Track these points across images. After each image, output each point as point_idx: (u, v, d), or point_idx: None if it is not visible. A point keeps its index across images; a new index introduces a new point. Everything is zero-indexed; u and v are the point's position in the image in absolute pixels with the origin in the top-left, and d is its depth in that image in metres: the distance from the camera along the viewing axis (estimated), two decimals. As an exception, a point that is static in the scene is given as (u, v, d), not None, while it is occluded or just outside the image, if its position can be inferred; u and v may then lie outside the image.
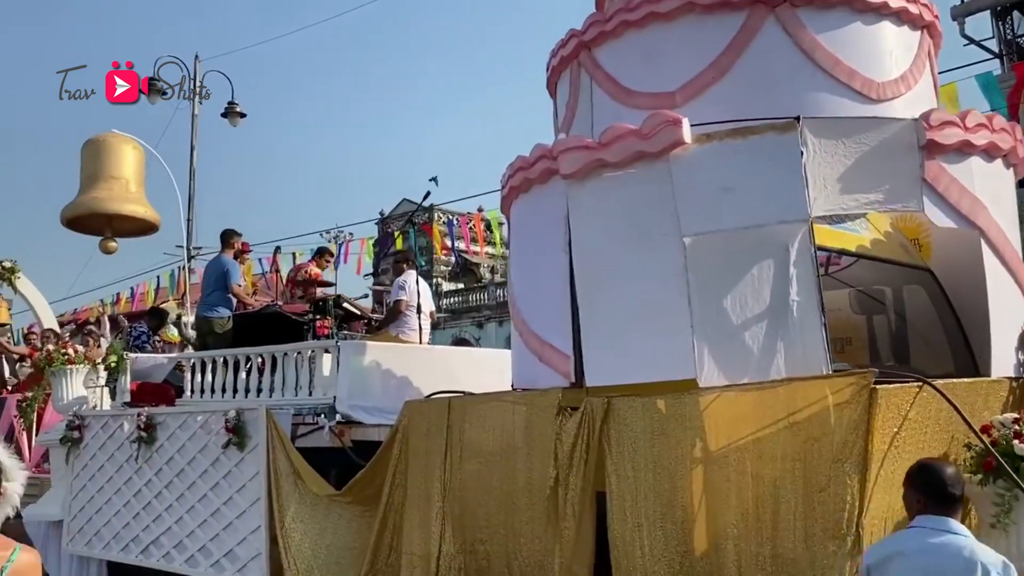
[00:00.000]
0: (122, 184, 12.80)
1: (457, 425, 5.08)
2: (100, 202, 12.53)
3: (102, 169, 12.72)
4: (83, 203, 12.63)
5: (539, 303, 4.83)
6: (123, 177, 12.83)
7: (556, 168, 4.61)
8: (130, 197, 12.77)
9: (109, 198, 12.60)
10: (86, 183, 12.81)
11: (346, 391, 6.41)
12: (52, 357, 8.27)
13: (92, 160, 12.83)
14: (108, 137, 12.99)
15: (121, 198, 12.70)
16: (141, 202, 12.93)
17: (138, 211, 12.76)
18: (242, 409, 6.32)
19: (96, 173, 12.76)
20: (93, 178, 12.78)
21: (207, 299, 8.10)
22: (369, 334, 7.90)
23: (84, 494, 7.83)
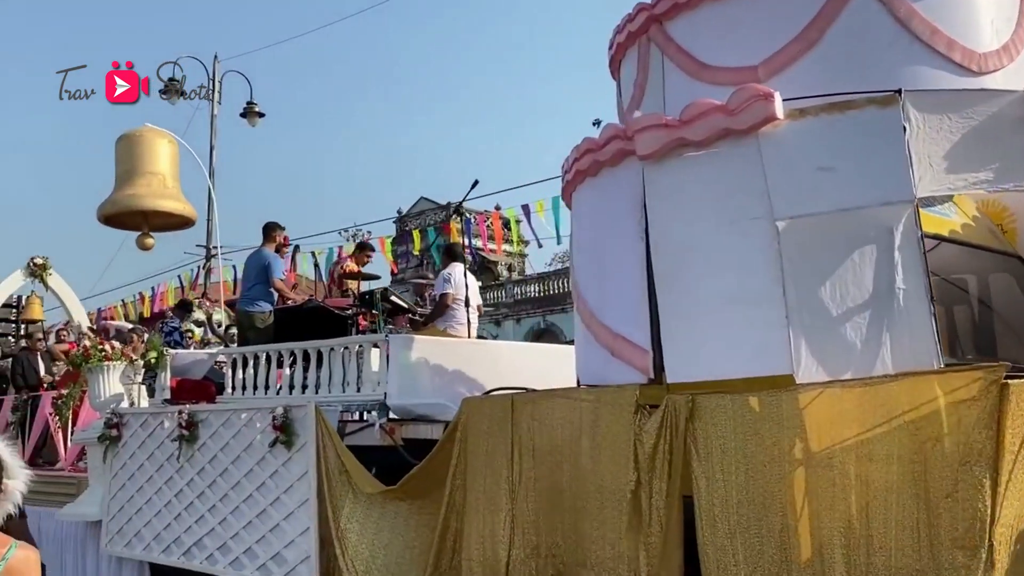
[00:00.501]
0: (159, 180, 12.65)
1: (523, 423, 4.80)
2: (138, 199, 12.40)
3: (139, 165, 12.58)
4: (121, 200, 12.50)
5: (611, 294, 4.53)
6: (160, 173, 12.69)
7: (631, 149, 4.30)
8: (167, 193, 12.64)
9: (147, 195, 12.47)
10: (122, 179, 12.67)
11: (396, 387, 6.14)
12: (89, 353, 8.08)
13: (128, 155, 12.69)
14: (143, 132, 12.83)
15: (159, 194, 12.57)
16: (178, 198, 12.80)
17: (176, 207, 12.63)
18: (290, 406, 6.08)
19: (133, 169, 12.63)
20: (130, 174, 12.64)
21: (248, 293, 7.87)
22: (413, 328, 7.64)
23: (123, 494, 7.64)
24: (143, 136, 12.88)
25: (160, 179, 12.66)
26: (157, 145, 12.85)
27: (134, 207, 12.53)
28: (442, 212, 36.80)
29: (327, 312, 7.61)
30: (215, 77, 19.14)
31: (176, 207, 12.79)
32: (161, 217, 12.78)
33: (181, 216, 12.90)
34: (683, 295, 4.11)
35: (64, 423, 9.64)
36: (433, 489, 5.30)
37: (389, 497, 5.52)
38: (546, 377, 6.65)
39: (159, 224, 12.96)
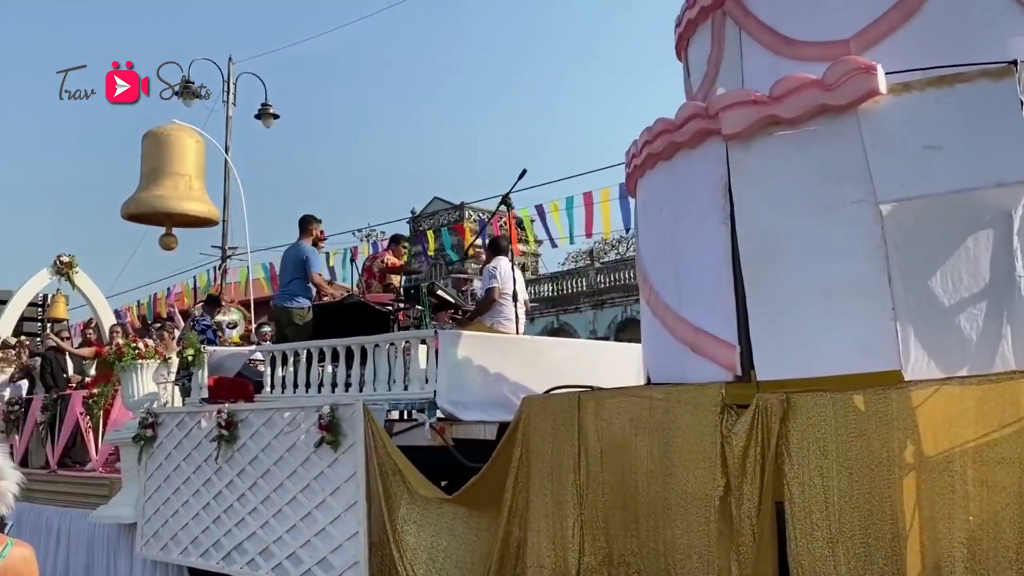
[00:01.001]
0: (185, 181, 12.55)
1: (590, 424, 4.52)
2: (163, 201, 12.30)
3: (165, 164, 12.46)
4: (146, 200, 12.38)
5: (690, 285, 4.23)
6: (186, 174, 12.58)
7: (714, 128, 4.01)
8: (192, 195, 12.53)
9: (173, 196, 12.36)
10: (148, 177, 12.54)
11: (446, 385, 5.87)
12: (122, 352, 7.88)
13: (154, 153, 12.55)
14: (171, 130, 12.69)
15: (184, 196, 12.46)
16: (202, 199, 12.69)
17: (200, 210, 12.50)
18: (336, 405, 5.82)
19: (159, 168, 12.50)
20: (156, 172, 12.52)
21: (286, 288, 7.62)
22: (457, 324, 7.37)
23: (159, 495, 7.41)
24: (171, 134, 12.74)
25: (186, 180, 12.55)
26: (184, 144, 12.72)
27: (159, 209, 12.43)
28: (455, 212, 36.67)
29: (368, 308, 7.34)
30: (230, 79, 19.19)
31: (200, 209, 12.69)
32: (185, 216, 12.65)
33: (205, 217, 12.80)
34: (774, 286, 3.82)
35: (95, 423, 9.44)
36: (493, 492, 5.03)
37: (447, 502, 5.25)
38: (607, 375, 6.41)
39: (182, 221, 12.82)
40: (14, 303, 13.58)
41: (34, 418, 10.56)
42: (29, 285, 13.86)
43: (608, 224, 14.61)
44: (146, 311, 22.56)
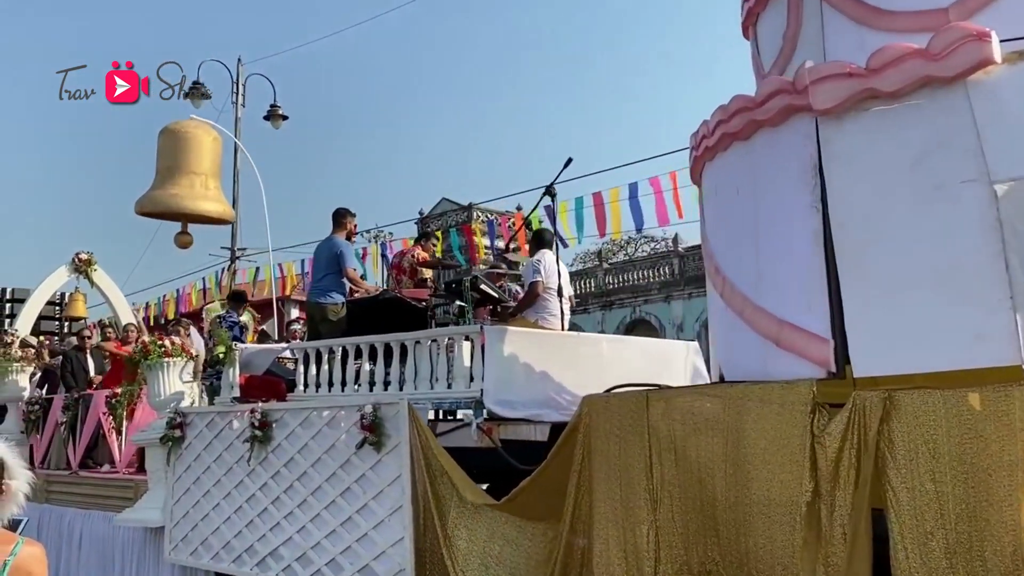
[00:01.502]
0: (201, 180, 12.30)
1: (661, 425, 4.22)
2: (179, 200, 12.05)
3: (181, 162, 12.22)
4: (160, 200, 12.14)
5: (773, 275, 3.93)
6: (202, 173, 12.32)
7: (801, 104, 3.71)
8: (208, 195, 12.29)
9: (189, 196, 12.12)
10: (163, 175, 12.30)
11: (493, 383, 5.58)
12: (148, 349, 7.62)
13: (171, 150, 12.31)
14: (188, 127, 12.45)
15: (200, 196, 12.21)
16: (218, 199, 12.48)
17: (216, 210, 12.25)
18: (379, 404, 5.54)
19: (175, 166, 12.26)
20: (171, 171, 12.27)
21: (319, 283, 7.35)
22: (498, 320, 7.08)
23: (188, 498, 7.16)
24: (188, 131, 12.49)
25: (202, 180, 12.31)
26: (201, 142, 12.47)
27: (174, 208, 12.19)
28: (463, 213, 36.57)
29: (404, 304, 7.07)
30: (239, 80, 19.09)
31: (216, 209, 12.46)
32: (200, 216, 12.43)
33: (220, 218, 12.59)
34: (873, 274, 3.51)
35: (119, 423, 9.20)
36: (549, 496, 4.74)
37: (498, 508, 4.97)
38: (660, 373, 6.13)
39: (197, 220, 12.59)
40: (32, 302, 13.36)
41: (55, 418, 10.33)
42: (47, 283, 13.62)
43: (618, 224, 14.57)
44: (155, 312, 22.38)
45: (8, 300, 15.65)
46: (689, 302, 30.34)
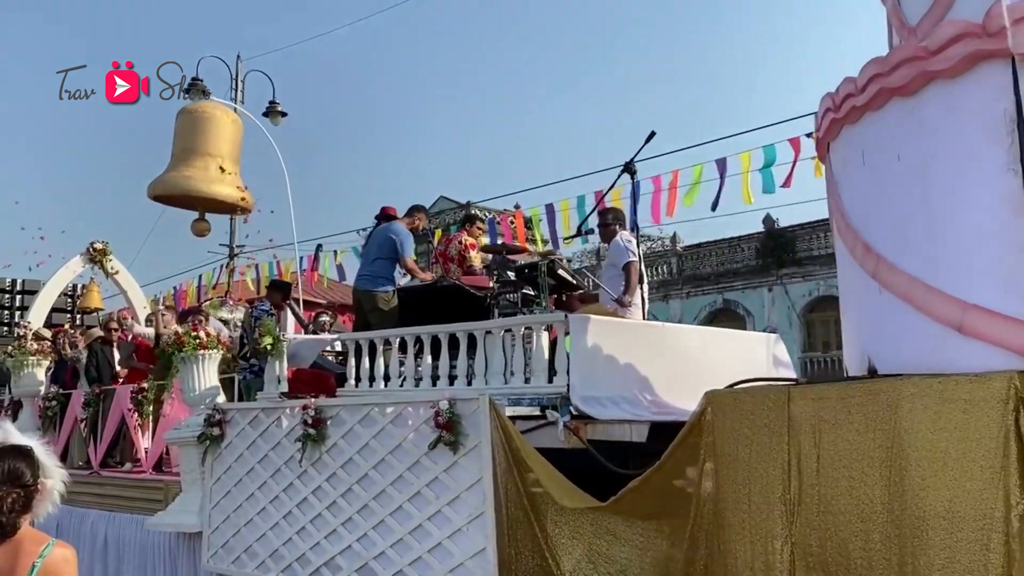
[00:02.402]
0: (217, 163, 11.68)
1: (804, 425, 3.67)
2: (192, 183, 11.44)
3: (198, 144, 11.62)
4: (174, 182, 11.53)
5: (953, 250, 3.39)
6: (219, 155, 11.73)
7: (991, 49, 3.18)
8: (225, 179, 11.66)
9: (204, 179, 11.50)
10: (179, 156, 11.72)
11: (579, 378, 5.05)
12: (182, 341, 7.07)
13: (187, 131, 11.72)
14: (207, 107, 11.88)
15: (216, 179, 11.60)
16: (236, 183, 11.80)
17: (233, 195, 11.62)
18: (455, 399, 4.99)
19: (191, 147, 11.67)
20: (187, 153, 11.68)
21: (369, 269, 6.82)
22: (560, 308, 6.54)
23: (229, 502, 6.61)
24: (205, 112, 11.91)
25: (218, 162, 11.70)
26: (220, 123, 11.89)
27: (187, 191, 11.57)
28: (462, 211, 36.33)
29: (463, 292, 6.53)
30: (238, 76, 18.74)
31: (232, 194, 11.80)
32: (216, 202, 11.82)
33: (236, 205, 11.93)
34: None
35: (146, 420, 8.65)
36: (663, 504, 4.20)
37: (603, 513, 4.42)
38: (741, 367, 5.60)
39: (213, 207, 11.99)
40: (46, 293, 12.81)
41: (74, 414, 9.79)
42: (60, 274, 13.08)
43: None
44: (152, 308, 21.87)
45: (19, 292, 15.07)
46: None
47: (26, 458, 2.54)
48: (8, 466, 2.53)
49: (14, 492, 2.48)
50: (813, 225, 27.84)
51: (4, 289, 15.16)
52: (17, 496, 2.48)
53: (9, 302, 15.20)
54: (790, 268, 28.04)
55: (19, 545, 2.43)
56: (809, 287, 27.75)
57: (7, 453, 2.57)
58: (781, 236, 28.43)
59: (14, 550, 2.41)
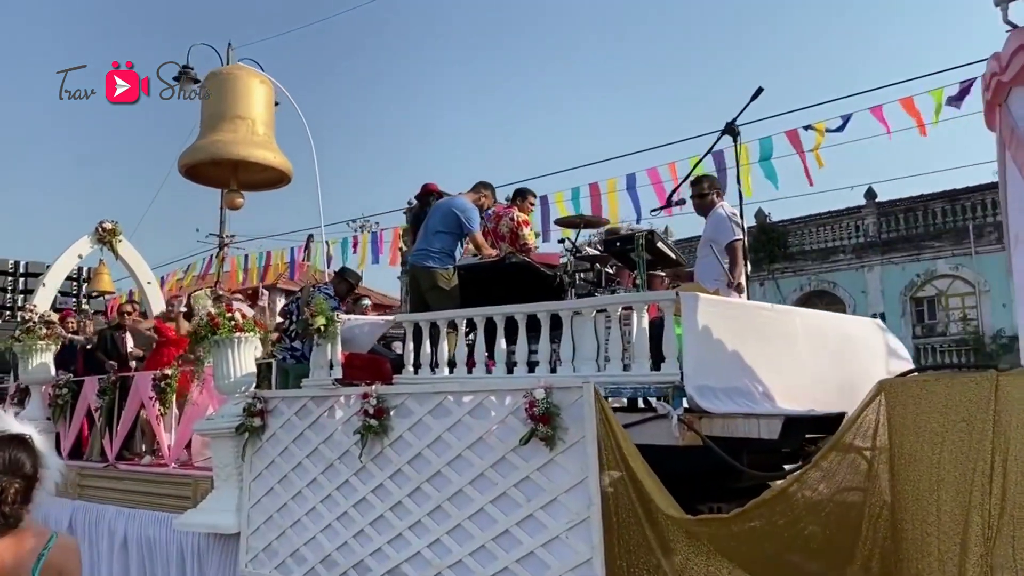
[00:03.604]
0: (248, 125, 10.87)
1: (1014, 420, 3.07)
2: (224, 146, 10.58)
3: (227, 107, 10.82)
4: (204, 148, 10.71)
5: None
6: (249, 117, 10.91)
7: None
8: (257, 141, 10.81)
9: (234, 141, 10.64)
10: (206, 124, 10.94)
11: (693, 366, 4.42)
12: (217, 323, 6.41)
13: (214, 96, 10.94)
14: (233, 71, 11.15)
15: (247, 142, 10.73)
16: (270, 147, 10.96)
17: (267, 157, 10.76)
18: (551, 387, 4.36)
19: (217, 112, 10.87)
20: (215, 118, 10.88)
21: (428, 243, 6.16)
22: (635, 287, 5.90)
23: (270, 500, 5.97)
24: (232, 74, 11.16)
25: (249, 124, 10.89)
26: (248, 85, 11.08)
27: (218, 155, 10.71)
28: None
29: (533, 270, 5.89)
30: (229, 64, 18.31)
31: (268, 157, 10.94)
32: (251, 171, 11.01)
33: (273, 168, 11.06)
34: None
35: (168, 410, 7.98)
36: (819, 515, 3.57)
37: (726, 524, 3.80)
38: (846, 354, 5.01)
39: (249, 181, 11.22)
40: (52, 275, 12.05)
41: (86, 403, 9.11)
42: (68, 255, 12.31)
43: None
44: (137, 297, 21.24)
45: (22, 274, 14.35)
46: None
47: (26, 447, 2.44)
48: (8, 455, 2.43)
49: (16, 482, 2.39)
50: (805, 220, 27.57)
51: (6, 271, 14.43)
52: (19, 486, 2.39)
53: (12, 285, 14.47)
54: (782, 263, 27.51)
55: (23, 538, 2.35)
56: (800, 282, 27.36)
57: (6, 442, 2.46)
58: (773, 231, 27.84)
59: (18, 542, 2.34)
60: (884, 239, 26.26)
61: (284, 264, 19.29)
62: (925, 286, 25.49)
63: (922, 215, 25.88)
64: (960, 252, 24.67)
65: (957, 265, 24.82)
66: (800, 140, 12.02)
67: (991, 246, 24.13)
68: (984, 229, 24.32)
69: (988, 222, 24.37)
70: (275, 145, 10.90)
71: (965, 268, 24.69)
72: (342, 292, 7.42)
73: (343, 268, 9.11)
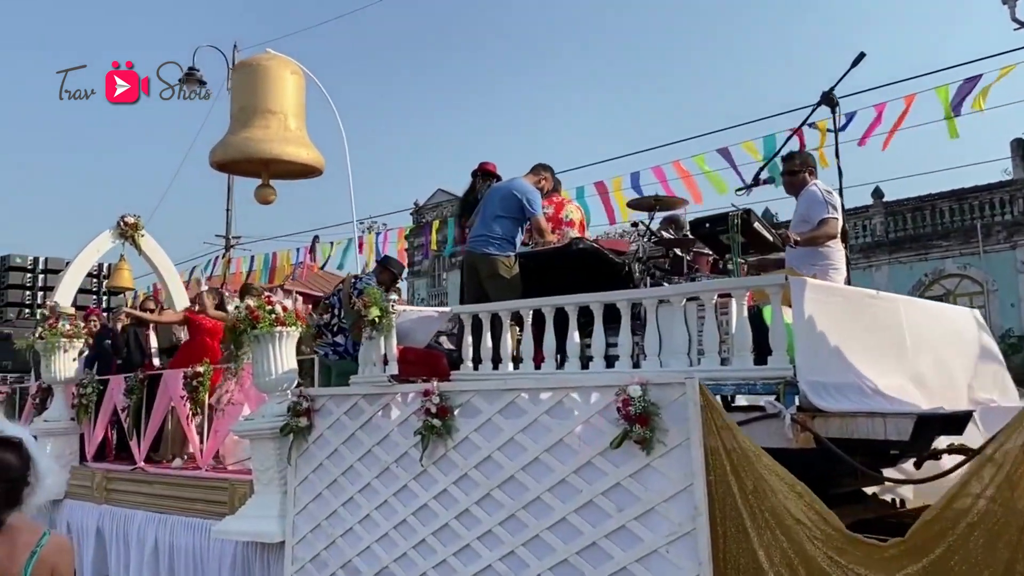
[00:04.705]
0: (279, 120, 10.45)
1: None
2: (255, 144, 10.19)
3: (257, 101, 10.40)
4: (236, 145, 10.33)
5: None
6: (280, 112, 10.49)
7: None
8: (289, 136, 10.41)
9: (266, 139, 10.24)
10: (237, 118, 10.54)
11: (805, 360, 3.94)
12: (257, 316, 5.96)
13: (244, 88, 10.54)
14: (263, 59, 10.69)
15: (278, 138, 10.34)
16: (302, 142, 10.54)
17: (300, 155, 10.37)
18: (648, 383, 3.88)
19: (248, 106, 10.45)
20: (246, 112, 10.47)
21: (488, 228, 5.68)
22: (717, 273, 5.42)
23: (318, 507, 5.53)
24: (262, 64, 10.71)
25: (280, 119, 10.47)
26: (279, 76, 10.64)
27: (250, 154, 10.37)
28: None
29: (602, 257, 5.42)
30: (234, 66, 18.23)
31: (299, 153, 10.54)
32: (283, 164, 10.62)
33: (305, 165, 10.68)
34: None
35: (200, 409, 7.55)
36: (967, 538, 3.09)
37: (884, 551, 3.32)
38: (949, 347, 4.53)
39: (280, 172, 10.80)
40: (73, 270, 11.65)
41: (112, 403, 8.70)
42: (89, 250, 11.90)
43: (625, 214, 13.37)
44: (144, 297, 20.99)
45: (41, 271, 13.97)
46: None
47: (14, 450, 2.39)
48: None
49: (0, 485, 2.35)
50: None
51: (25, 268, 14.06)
52: (2, 489, 2.34)
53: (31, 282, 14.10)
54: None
55: (14, 536, 2.35)
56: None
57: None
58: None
59: (9, 541, 2.34)
60: (892, 238, 25.66)
61: (290, 265, 18.93)
62: (933, 285, 24.80)
63: (929, 214, 25.28)
64: (968, 251, 24.04)
65: (965, 264, 24.21)
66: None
67: (999, 245, 23.65)
68: (992, 228, 23.81)
69: (996, 221, 23.88)
70: (307, 139, 10.49)
71: (973, 267, 24.10)
72: (386, 282, 6.95)
73: (385, 257, 8.65)
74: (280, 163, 10.30)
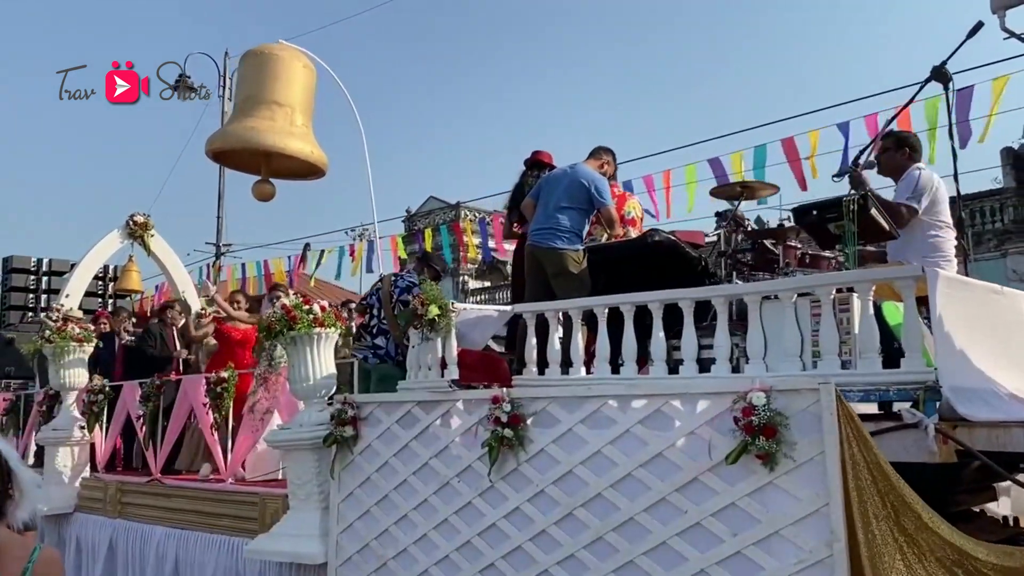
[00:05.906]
0: (285, 113, 9.89)
1: None
2: (256, 134, 9.56)
3: (263, 91, 9.83)
4: (235, 133, 9.73)
5: None
6: (287, 104, 9.95)
7: None
8: (294, 131, 9.83)
9: (269, 130, 9.63)
10: (242, 106, 9.96)
11: (947, 363, 3.46)
12: (294, 317, 5.46)
13: (251, 77, 9.94)
14: (274, 49, 10.14)
15: (283, 131, 9.72)
16: (307, 139, 9.96)
17: (303, 151, 9.77)
18: (772, 389, 3.39)
19: (254, 95, 9.88)
20: (251, 101, 9.89)
21: (554, 221, 5.19)
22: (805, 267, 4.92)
23: (366, 525, 5.02)
24: (272, 54, 10.16)
25: (287, 113, 9.91)
26: (289, 67, 10.06)
27: (250, 143, 9.74)
28: (451, 211, 35.54)
29: (679, 251, 4.93)
30: (226, 73, 18.44)
31: (303, 150, 9.95)
32: (283, 160, 10.05)
33: (307, 162, 10.10)
34: None
35: (224, 417, 7.03)
36: None
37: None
38: None
39: (281, 169, 10.24)
40: (81, 272, 11.14)
41: (126, 410, 8.17)
42: (97, 251, 11.39)
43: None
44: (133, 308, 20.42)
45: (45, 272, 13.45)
46: None
47: None
48: None
49: None
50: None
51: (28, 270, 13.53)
52: None
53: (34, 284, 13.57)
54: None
55: (6, 551, 2.28)
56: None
57: None
58: None
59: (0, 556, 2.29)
60: (883, 246, 25.23)
61: (283, 272, 18.46)
62: (923, 293, 24.48)
63: (920, 222, 24.81)
64: (958, 259, 23.63)
65: (956, 272, 23.79)
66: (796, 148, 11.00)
67: (989, 253, 23.20)
68: (983, 236, 23.37)
69: (987, 229, 23.40)
70: (312, 138, 9.95)
71: (964, 275, 23.69)
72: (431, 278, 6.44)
73: (426, 253, 8.15)
74: (281, 158, 9.75)
